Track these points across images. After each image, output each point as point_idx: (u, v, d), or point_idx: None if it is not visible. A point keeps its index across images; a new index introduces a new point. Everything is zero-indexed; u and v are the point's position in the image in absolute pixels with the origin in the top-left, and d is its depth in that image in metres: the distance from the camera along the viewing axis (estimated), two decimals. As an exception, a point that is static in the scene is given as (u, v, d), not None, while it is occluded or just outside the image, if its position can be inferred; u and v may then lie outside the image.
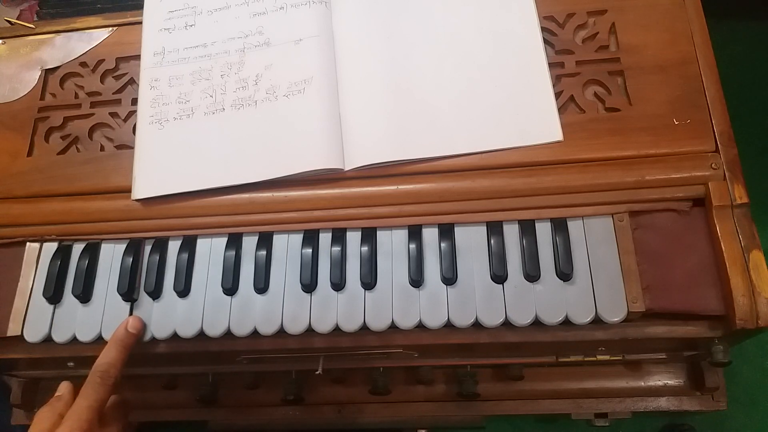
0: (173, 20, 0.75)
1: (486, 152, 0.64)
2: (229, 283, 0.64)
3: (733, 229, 0.59)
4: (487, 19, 0.70)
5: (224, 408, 0.77)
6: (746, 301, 0.56)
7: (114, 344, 0.61)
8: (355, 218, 0.65)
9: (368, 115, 0.67)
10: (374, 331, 0.61)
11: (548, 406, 0.74)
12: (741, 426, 0.84)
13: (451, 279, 0.61)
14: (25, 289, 0.67)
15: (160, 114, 0.70)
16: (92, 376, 0.58)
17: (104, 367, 0.59)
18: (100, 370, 0.58)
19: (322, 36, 0.70)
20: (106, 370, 0.58)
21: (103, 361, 0.59)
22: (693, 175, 0.61)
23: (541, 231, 0.63)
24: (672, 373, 0.72)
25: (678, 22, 0.67)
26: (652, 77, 0.65)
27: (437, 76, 0.68)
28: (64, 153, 0.72)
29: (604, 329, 0.60)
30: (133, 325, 0.63)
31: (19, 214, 0.69)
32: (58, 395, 0.60)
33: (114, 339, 0.61)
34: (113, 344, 0.61)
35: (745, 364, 0.86)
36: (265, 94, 0.69)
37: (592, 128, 0.64)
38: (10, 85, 0.76)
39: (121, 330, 0.62)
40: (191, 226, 0.67)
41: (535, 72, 0.67)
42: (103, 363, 0.59)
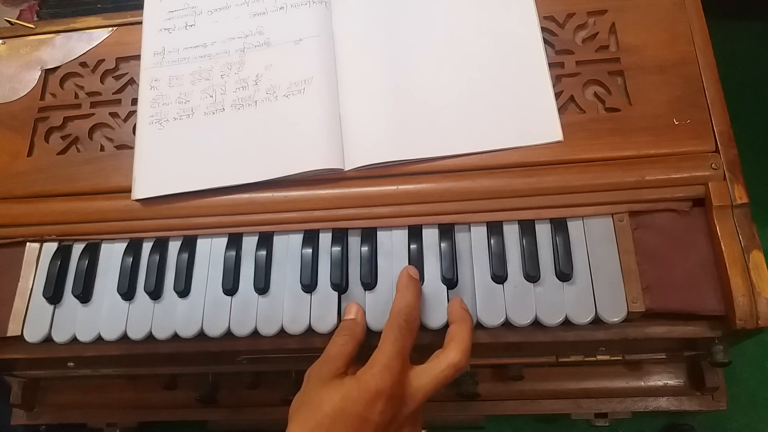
0: (173, 20, 0.75)
1: (486, 152, 0.64)
2: (230, 283, 0.64)
3: (733, 229, 0.59)
4: (487, 19, 0.70)
5: (224, 408, 0.77)
6: (746, 301, 0.56)
7: (407, 289, 0.57)
8: (355, 218, 0.65)
9: (368, 115, 0.67)
10: (375, 331, 0.61)
11: (548, 406, 0.74)
12: (741, 426, 0.84)
13: (451, 279, 0.61)
14: (25, 289, 0.67)
15: (160, 114, 0.70)
16: (396, 319, 0.54)
17: (407, 311, 0.55)
18: (405, 313, 0.54)
19: (322, 36, 0.70)
20: (410, 313, 0.55)
21: (404, 304, 0.55)
22: (693, 175, 0.61)
23: (541, 231, 0.63)
24: (672, 373, 0.73)
25: (678, 22, 0.67)
26: (652, 77, 0.65)
27: (437, 76, 0.68)
28: (64, 153, 0.72)
29: (604, 329, 0.60)
30: (415, 273, 0.59)
31: (19, 214, 0.69)
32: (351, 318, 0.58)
33: (404, 284, 0.57)
34: (406, 289, 0.57)
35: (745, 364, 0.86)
36: (265, 94, 0.69)
37: (592, 128, 0.64)
38: (10, 85, 0.76)
39: (406, 276, 0.58)
40: (191, 226, 0.67)
41: (535, 72, 0.67)
42: (405, 306, 0.55)
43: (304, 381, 0.55)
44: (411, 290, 0.57)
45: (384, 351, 0.52)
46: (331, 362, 0.54)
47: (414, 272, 0.60)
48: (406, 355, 0.53)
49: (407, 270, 0.60)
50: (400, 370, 0.51)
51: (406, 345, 0.53)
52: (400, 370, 0.51)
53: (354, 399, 0.50)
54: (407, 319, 0.55)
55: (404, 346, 0.53)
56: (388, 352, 0.52)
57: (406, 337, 0.53)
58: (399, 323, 0.54)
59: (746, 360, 0.86)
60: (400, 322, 0.54)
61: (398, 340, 0.53)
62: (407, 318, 0.55)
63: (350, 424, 0.50)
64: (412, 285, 0.58)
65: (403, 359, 0.52)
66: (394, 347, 0.52)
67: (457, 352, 0.54)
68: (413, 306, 0.56)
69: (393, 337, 0.53)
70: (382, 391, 0.50)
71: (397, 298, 0.57)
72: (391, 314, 0.56)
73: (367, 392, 0.50)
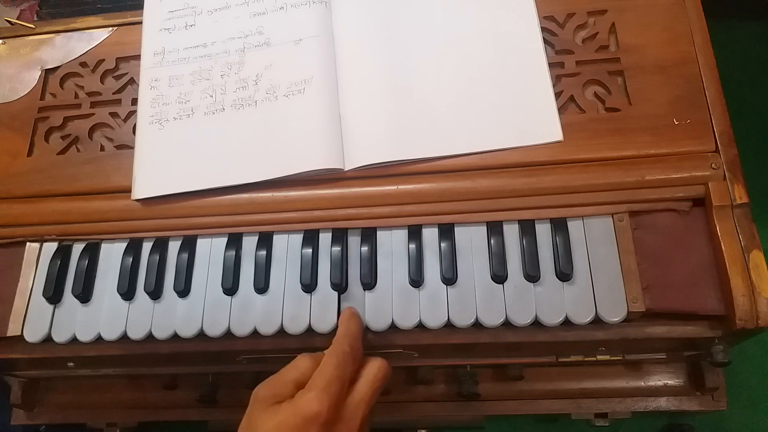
0: (173, 20, 0.75)
1: (486, 152, 0.64)
2: (229, 283, 0.64)
3: (733, 229, 0.59)
4: (487, 19, 0.70)
5: (224, 408, 0.77)
6: (746, 301, 0.56)
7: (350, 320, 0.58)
8: (355, 218, 0.65)
9: (368, 115, 0.67)
10: (374, 331, 0.62)
11: (548, 406, 0.73)
12: (741, 426, 0.84)
13: (451, 279, 0.61)
14: (25, 289, 0.67)
15: (160, 114, 0.70)
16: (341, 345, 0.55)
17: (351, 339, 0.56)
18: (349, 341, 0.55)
19: (322, 36, 0.70)
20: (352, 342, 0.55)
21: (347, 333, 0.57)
22: (693, 175, 0.61)
23: (541, 231, 0.63)
24: (672, 373, 0.72)
25: (678, 22, 0.67)
26: (652, 77, 0.65)
27: (437, 76, 0.68)
28: (64, 153, 0.72)
29: (604, 329, 0.60)
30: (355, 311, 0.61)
31: (19, 214, 0.69)
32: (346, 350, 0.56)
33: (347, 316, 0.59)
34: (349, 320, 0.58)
35: (745, 364, 0.86)
36: (265, 94, 0.69)
37: (592, 128, 0.64)
38: (10, 85, 0.76)
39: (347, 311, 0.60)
40: (191, 226, 0.67)
41: (535, 72, 0.67)
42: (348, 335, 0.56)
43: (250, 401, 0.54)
44: (354, 322, 0.59)
45: (323, 374, 0.52)
46: (279, 387, 0.53)
47: (355, 311, 0.61)
48: (345, 381, 0.52)
49: (348, 309, 0.61)
50: (337, 394, 0.51)
51: (346, 371, 0.53)
52: (337, 394, 0.51)
53: (288, 425, 0.50)
54: (351, 345, 0.55)
55: (344, 371, 0.53)
56: (327, 375, 0.51)
57: (348, 363, 0.54)
58: (343, 349, 0.54)
59: (746, 360, 0.86)
60: (345, 347, 0.54)
61: (340, 365, 0.53)
62: (351, 345, 0.55)
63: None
64: (355, 318, 0.60)
65: (342, 384, 0.52)
66: (335, 371, 0.52)
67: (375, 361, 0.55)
68: (356, 336, 0.57)
69: (335, 361, 0.53)
70: (317, 415, 0.49)
71: (341, 328, 0.58)
72: (335, 340, 0.56)
73: (302, 418, 0.49)
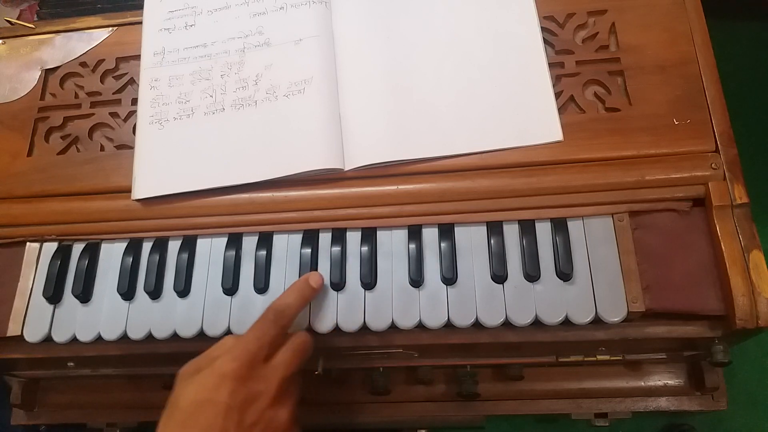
0: (173, 20, 0.75)
1: (486, 152, 0.64)
2: (229, 283, 0.64)
3: (733, 229, 0.59)
4: (487, 19, 0.70)
5: (224, 408, 0.77)
6: (746, 301, 0.56)
7: (293, 290, 0.60)
8: (355, 218, 0.65)
9: (368, 115, 0.67)
10: (374, 331, 0.61)
11: (548, 406, 0.73)
12: (741, 426, 0.84)
13: (451, 279, 0.61)
14: (25, 289, 0.67)
15: (160, 114, 0.70)
16: (266, 313, 0.57)
17: (281, 307, 0.57)
18: (276, 309, 0.57)
19: (322, 36, 0.70)
20: (282, 309, 0.57)
21: (281, 302, 0.58)
22: (693, 175, 0.61)
23: (541, 231, 0.63)
24: (672, 373, 0.72)
25: (678, 22, 0.67)
26: (652, 77, 0.65)
27: (437, 76, 0.68)
28: (64, 153, 0.72)
29: (604, 329, 0.60)
30: (315, 280, 0.61)
31: (19, 214, 0.69)
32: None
33: (294, 287, 0.60)
34: (292, 290, 0.60)
35: (745, 364, 0.86)
36: (265, 94, 0.69)
37: (592, 128, 0.64)
38: (10, 85, 0.76)
39: (303, 280, 0.61)
40: (191, 226, 0.67)
41: (535, 72, 0.67)
42: (281, 303, 0.58)
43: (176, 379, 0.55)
44: (296, 292, 0.59)
45: (242, 338, 0.54)
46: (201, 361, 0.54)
47: (315, 280, 0.61)
48: (264, 343, 0.54)
49: (308, 275, 0.62)
50: (252, 353, 0.52)
51: (266, 333, 0.55)
52: (252, 353, 0.52)
53: (204, 386, 0.51)
54: (276, 315, 0.57)
55: (264, 333, 0.54)
56: (244, 339, 0.54)
57: (269, 327, 0.55)
58: (267, 316, 0.56)
59: (746, 360, 0.86)
60: (269, 315, 0.57)
61: (260, 329, 0.55)
62: (277, 314, 0.57)
63: (203, 411, 0.50)
64: (302, 289, 0.60)
65: (259, 343, 0.53)
66: (252, 334, 0.54)
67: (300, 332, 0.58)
68: (289, 305, 0.58)
69: (257, 326, 0.55)
70: (227, 373, 0.51)
71: (280, 295, 0.59)
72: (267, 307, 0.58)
73: (215, 377, 0.51)
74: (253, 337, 0.54)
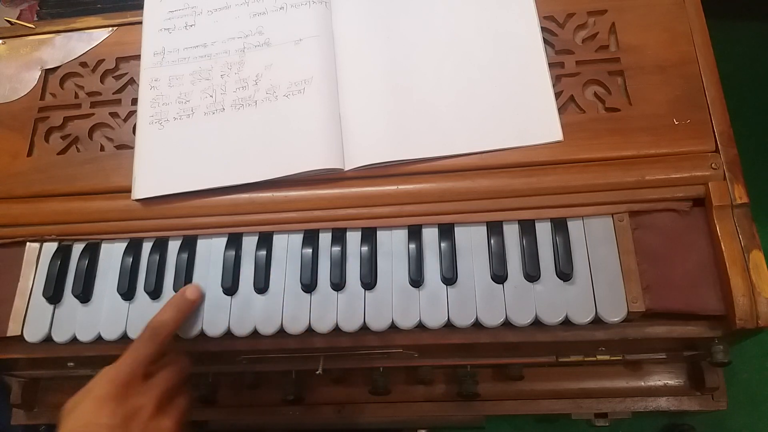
0: (173, 20, 0.75)
1: (486, 152, 0.64)
2: (229, 283, 0.64)
3: (733, 229, 0.59)
4: (487, 19, 0.70)
5: (224, 408, 0.77)
6: (746, 301, 0.56)
7: (170, 306, 0.61)
8: (355, 218, 0.65)
9: (368, 115, 0.67)
10: (374, 331, 0.61)
11: (548, 406, 0.74)
12: (741, 426, 0.84)
13: (451, 279, 0.61)
14: (25, 289, 0.67)
15: (160, 114, 0.70)
16: (143, 331, 0.58)
17: (156, 324, 0.59)
18: (152, 326, 0.59)
19: (322, 36, 0.70)
20: (158, 326, 0.59)
21: (157, 318, 0.60)
22: (693, 175, 0.61)
23: (541, 231, 0.63)
24: (672, 373, 0.72)
25: (678, 22, 0.67)
26: (652, 77, 0.65)
27: (437, 76, 0.68)
28: (64, 153, 0.72)
29: (604, 329, 0.60)
30: (192, 293, 0.63)
31: (19, 214, 0.69)
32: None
33: (171, 302, 0.62)
34: (169, 306, 0.61)
35: (745, 364, 0.86)
36: (265, 94, 0.69)
37: (592, 128, 0.64)
38: (10, 85, 0.76)
39: (180, 295, 0.63)
40: (191, 226, 0.67)
41: (535, 72, 0.67)
42: (157, 320, 0.59)
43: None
44: (173, 308, 0.61)
45: (117, 362, 0.55)
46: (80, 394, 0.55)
47: (191, 292, 0.63)
48: (140, 362, 0.56)
49: (185, 288, 0.63)
50: (130, 373, 0.54)
51: (142, 353, 0.56)
52: (130, 373, 0.54)
53: (83, 413, 0.53)
54: (153, 332, 0.58)
55: (139, 353, 0.56)
56: (119, 362, 0.55)
57: (146, 346, 0.57)
58: (143, 335, 0.58)
59: (746, 360, 0.86)
60: (145, 334, 0.58)
61: (135, 350, 0.56)
62: (153, 331, 0.59)
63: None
64: (179, 304, 0.62)
65: (135, 364, 0.55)
66: (128, 355, 0.56)
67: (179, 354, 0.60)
68: (165, 322, 0.60)
69: (132, 347, 0.57)
70: (104, 395, 0.53)
71: (157, 313, 0.61)
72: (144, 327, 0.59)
73: (93, 402, 0.53)
74: (128, 359, 0.55)
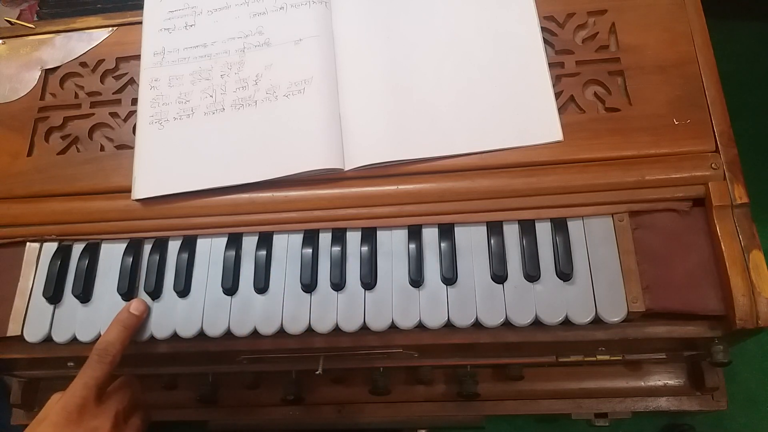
0: (173, 20, 0.75)
1: (486, 152, 0.64)
2: (229, 283, 0.64)
3: (733, 229, 0.59)
4: (487, 19, 0.70)
5: (224, 408, 0.77)
6: (746, 301, 0.56)
7: (115, 324, 0.61)
8: (355, 218, 0.65)
9: (368, 115, 0.67)
10: (374, 331, 0.61)
11: (548, 406, 0.74)
12: (741, 426, 0.84)
13: (451, 279, 0.61)
14: (25, 289, 0.67)
15: (160, 114, 0.70)
16: (91, 355, 0.58)
17: (102, 345, 0.59)
18: (99, 348, 0.59)
19: (322, 36, 0.70)
20: (105, 348, 0.59)
21: (103, 339, 0.60)
22: (693, 175, 0.61)
23: (541, 231, 0.63)
24: (672, 373, 0.72)
25: (678, 22, 0.67)
26: (652, 77, 0.65)
27: (437, 76, 0.68)
28: (64, 153, 0.72)
29: (604, 329, 0.60)
30: (136, 307, 0.63)
31: (19, 214, 0.69)
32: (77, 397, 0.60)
33: (116, 319, 0.62)
34: (114, 324, 0.61)
35: (745, 364, 0.86)
36: (265, 94, 0.69)
37: (592, 128, 0.64)
38: (10, 85, 0.76)
39: (124, 311, 0.63)
40: (191, 226, 0.67)
41: (535, 72, 0.67)
42: (102, 341, 0.60)
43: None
44: (118, 326, 0.61)
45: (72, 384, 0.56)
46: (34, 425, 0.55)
47: (136, 307, 0.63)
48: (92, 385, 0.56)
49: (129, 303, 0.63)
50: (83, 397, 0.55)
51: (92, 376, 0.57)
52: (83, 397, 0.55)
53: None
54: (100, 354, 0.58)
55: (90, 377, 0.56)
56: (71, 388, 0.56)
57: (94, 370, 0.57)
58: (92, 357, 0.58)
59: (746, 360, 0.86)
60: (93, 357, 0.58)
61: (85, 374, 0.57)
62: (100, 353, 0.58)
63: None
64: (124, 321, 0.62)
65: (87, 388, 0.56)
66: (79, 380, 0.56)
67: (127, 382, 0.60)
68: (111, 342, 0.60)
69: (82, 372, 0.57)
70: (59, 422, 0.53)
71: (103, 333, 0.61)
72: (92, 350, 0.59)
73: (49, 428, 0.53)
74: (78, 384, 0.56)
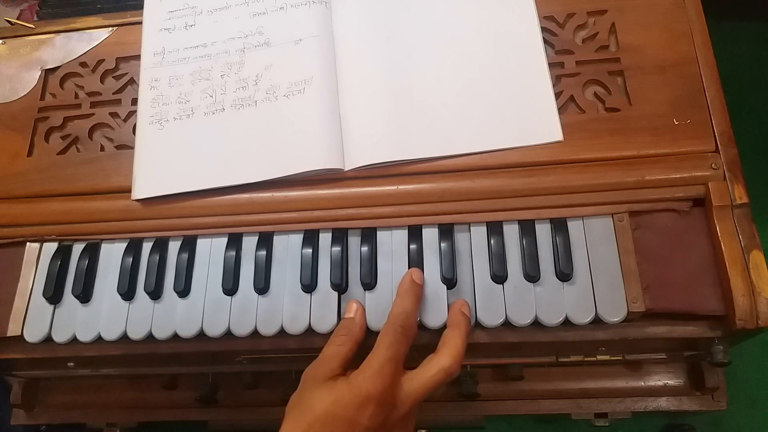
0: (173, 20, 0.75)
1: (486, 152, 0.64)
2: (229, 283, 0.64)
3: (733, 229, 0.59)
4: (487, 19, 0.70)
5: (224, 408, 0.77)
6: (746, 301, 0.56)
7: (406, 294, 0.57)
8: (355, 218, 0.65)
9: (368, 115, 0.67)
10: (375, 331, 0.61)
11: (548, 406, 0.74)
12: (741, 426, 0.84)
13: (451, 279, 0.61)
14: (25, 289, 0.67)
15: (160, 114, 0.70)
16: (392, 325, 0.54)
17: (404, 317, 0.55)
18: (402, 319, 0.55)
19: (322, 36, 0.70)
20: (407, 319, 0.55)
21: (401, 310, 0.56)
22: (693, 175, 0.61)
23: (541, 231, 0.63)
24: (672, 373, 0.72)
25: (678, 22, 0.67)
26: (652, 77, 0.65)
27: (437, 76, 0.68)
28: (64, 153, 0.72)
29: (604, 329, 0.60)
30: (419, 276, 0.59)
31: (19, 214, 0.69)
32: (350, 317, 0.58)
33: (405, 289, 0.58)
34: (406, 294, 0.57)
35: (745, 364, 0.86)
36: (265, 94, 0.69)
37: (592, 128, 0.64)
38: (10, 85, 0.76)
39: (408, 281, 0.58)
40: (191, 226, 0.67)
41: (535, 72, 0.67)
42: (402, 313, 0.56)
43: (300, 381, 0.55)
44: (411, 296, 0.58)
45: (378, 355, 0.53)
46: (327, 363, 0.54)
47: (418, 276, 0.60)
48: (400, 361, 0.53)
49: (411, 273, 0.60)
50: (392, 375, 0.52)
51: (400, 350, 0.53)
52: (392, 375, 0.52)
53: (345, 403, 0.51)
54: (404, 325, 0.55)
55: (398, 351, 0.53)
56: (381, 357, 0.52)
57: (401, 342, 0.54)
58: (395, 328, 0.54)
59: (746, 360, 0.86)
60: (396, 327, 0.55)
61: (393, 346, 0.53)
62: (404, 324, 0.55)
63: (340, 426, 0.50)
64: (413, 290, 0.58)
65: (396, 364, 0.52)
66: (388, 352, 0.53)
67: (449, 357, 0.54)
68: (410, 312, 0.56)
69: (388, 341, 0.53)
70: (372, 395, 0.50)
71: (396, 303, 0.58)
72: (389, 319, 0.56)
73: (358, 396, 0.50)
74: (386, 357, 0.52)
